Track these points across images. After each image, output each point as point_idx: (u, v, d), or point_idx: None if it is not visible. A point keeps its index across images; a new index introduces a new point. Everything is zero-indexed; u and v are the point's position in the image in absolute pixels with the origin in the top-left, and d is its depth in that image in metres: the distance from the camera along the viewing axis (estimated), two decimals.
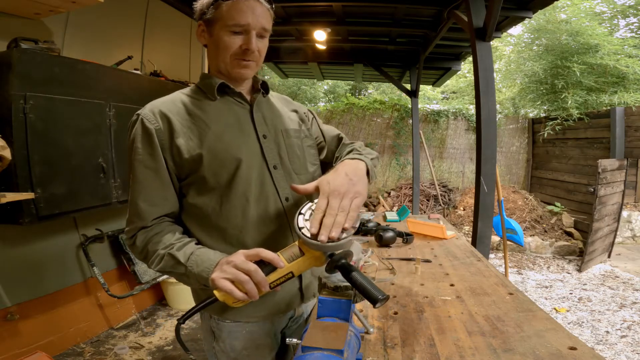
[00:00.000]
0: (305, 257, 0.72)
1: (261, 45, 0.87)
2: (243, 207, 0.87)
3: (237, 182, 0.86)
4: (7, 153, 1.65)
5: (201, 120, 0.87)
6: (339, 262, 0.68)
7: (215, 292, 0.72)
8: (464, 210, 6.28)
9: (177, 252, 0.79)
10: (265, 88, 0.97)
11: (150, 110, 0.85)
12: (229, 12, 0.82)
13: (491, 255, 4.58)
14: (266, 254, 0.72)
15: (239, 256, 0.73)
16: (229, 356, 0.93)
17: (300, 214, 0.75)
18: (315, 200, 0.75)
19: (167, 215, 0.87)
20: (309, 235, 0.69)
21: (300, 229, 0.71)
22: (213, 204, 0.86)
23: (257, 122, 0.93)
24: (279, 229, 0.91)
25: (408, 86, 5.56)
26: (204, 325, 0.97)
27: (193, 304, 0.77)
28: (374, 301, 0.62)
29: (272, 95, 1.03)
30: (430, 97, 11.65)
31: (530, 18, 3.23)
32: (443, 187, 6.88)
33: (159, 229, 0.84)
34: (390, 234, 1.65)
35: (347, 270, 0.67)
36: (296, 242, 0.74)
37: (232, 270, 0.71)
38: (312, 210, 0.74)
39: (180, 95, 0.91)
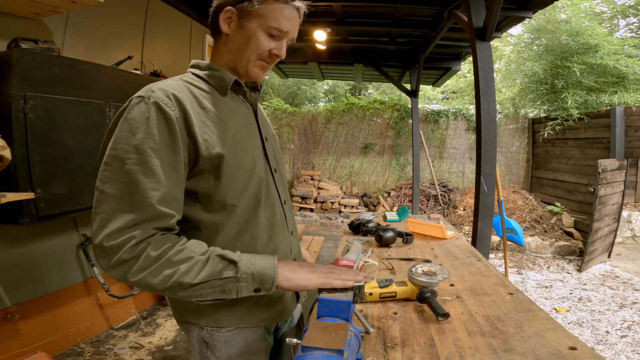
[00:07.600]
0: (408, 287, 1.07)
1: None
2: (255, 210, 0.85)
3: (251, 185, 0.83)
4: (7, 153, 1.64)
5: (216, 117, 0.78)
6: (425, 294, 1.00)
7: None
8: (464, 210, 6.28)
9: (224, 252, 0.72)
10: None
11: (165, 94, 0.72)
12: (274, 13, 0.79)
13: (491, 255, 4.58)
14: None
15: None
16: None
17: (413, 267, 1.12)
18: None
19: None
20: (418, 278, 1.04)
21: (413, 273, 1.06)
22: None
23: (260, 123, 0.91)
24: (282, 232, 0.92)
25: (408, 86, 5.57)
26: (194, 337, 0.88)
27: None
28: (437, 315, 0.93)
29: None
30: (430, 97, 11.66)
31: (530, 18, 3.23)
32: (443, 187, 6.88)
33: (178, 237, 0.73)
34: (390, 234, 1.65)
35: (426, 298, 0.99)
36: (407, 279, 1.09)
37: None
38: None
39: (184, 83, 0.79)
